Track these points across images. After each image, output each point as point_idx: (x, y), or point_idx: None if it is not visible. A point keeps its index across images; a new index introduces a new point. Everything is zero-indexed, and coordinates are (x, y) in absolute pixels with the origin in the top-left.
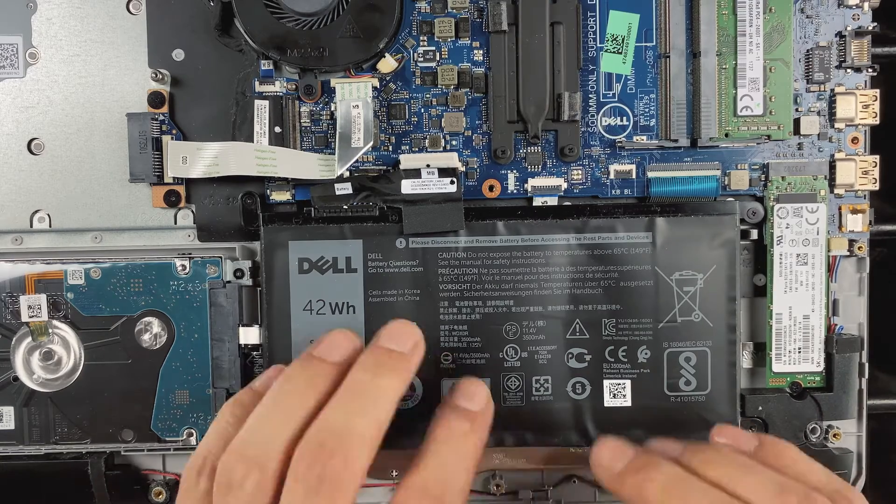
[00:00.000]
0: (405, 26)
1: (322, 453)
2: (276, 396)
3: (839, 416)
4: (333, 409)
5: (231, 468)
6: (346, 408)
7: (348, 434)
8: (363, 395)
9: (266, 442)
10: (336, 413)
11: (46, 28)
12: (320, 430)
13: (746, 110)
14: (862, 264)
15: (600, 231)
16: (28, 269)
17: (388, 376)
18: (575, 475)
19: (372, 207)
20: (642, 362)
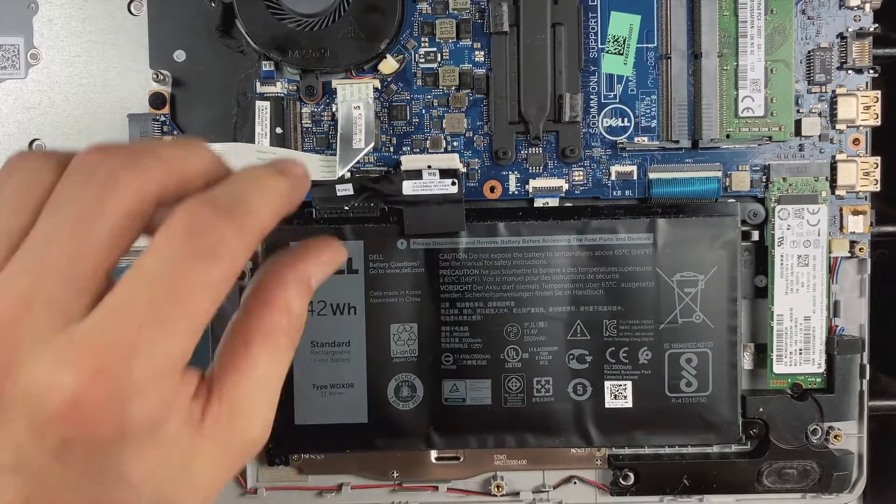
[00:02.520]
0: (406, 27)
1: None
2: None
3: (840, 418)
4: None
5: None
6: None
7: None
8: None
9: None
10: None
11: (48, 29)
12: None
13: (748, 111)
14: (863, 266)
15: (601, 232)
16: None
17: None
18: (575, 476)
19: (373, 208)
20: (643, 363)
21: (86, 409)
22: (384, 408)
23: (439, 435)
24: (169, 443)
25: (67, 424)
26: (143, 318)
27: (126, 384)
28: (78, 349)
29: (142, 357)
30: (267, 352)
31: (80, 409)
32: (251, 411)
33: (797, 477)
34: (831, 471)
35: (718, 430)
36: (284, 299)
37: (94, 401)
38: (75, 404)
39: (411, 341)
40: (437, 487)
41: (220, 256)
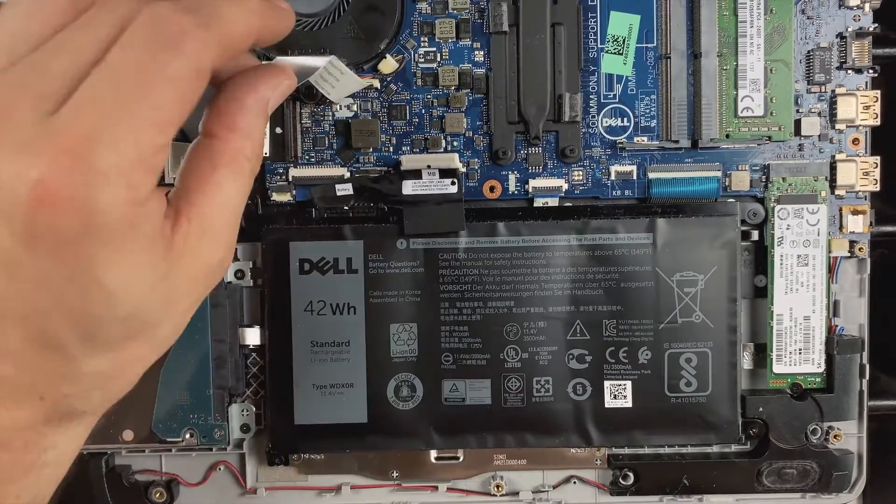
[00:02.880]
0: (406, 27)
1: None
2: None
3: (840, 418)
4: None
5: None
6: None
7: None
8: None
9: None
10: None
11: None
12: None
13: (747, 111)
14: (862, 265)
15: (601, 232)
16: None
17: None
18: (575, 476)
19: (373, 208)
20: (643, 363)
21: (50, 194)
22: (384, 408)
23: (439, 435)
24: (143, 251)
25: (33, 210)
26: (106, 107)
27: (91, 171)
28: (44, 138)
29: (106, 144)
30: (233, 175)
31: (45, 194)
32: (218, 232)
33: (797, 477)
34: (831, 471)
35: (718, 429)
36: (248, 124)
37: (58, 185)
38: (39, 189)
39: (411, 341)
40: (437, 487)
41: (181, 49)
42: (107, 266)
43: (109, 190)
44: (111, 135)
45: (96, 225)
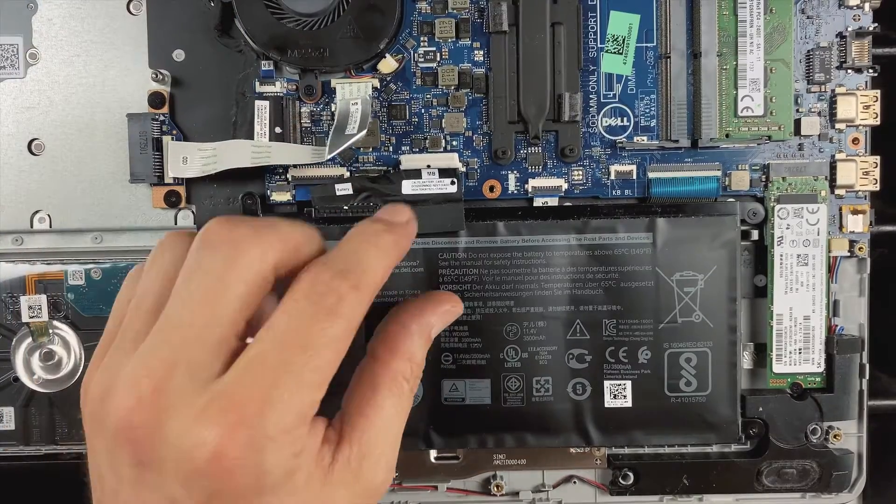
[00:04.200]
0: (406, 27)
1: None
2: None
3: (840, 417)
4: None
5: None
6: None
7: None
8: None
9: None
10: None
11: (47, 28)
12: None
13: (747, 111)
14: (862, 265)
15: (601, 232)
16: (28, 270)
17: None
18: (575, 476)
19: (372, 208)
20: (643, 363)
21: (227, 461)
22: None
23: (439, 435)
24: (301, 490)
25: (213, 477)
26: (274, 372)
27: (262, 435)
28: (217, 406)
29: (275, 409)
30: (392, 397)
31: (223, 462)
32: (378, 454)
33: (797, 476)
34: (831, 470)
35: (718, 429)
36: (409, 348)
37: (235, 453)
38: (219, 457)
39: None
40: (437, 487)
41: (339, 314)
42: (278, 499)
43: (277, 451)
44: (278, 399)
45: (265, 483)
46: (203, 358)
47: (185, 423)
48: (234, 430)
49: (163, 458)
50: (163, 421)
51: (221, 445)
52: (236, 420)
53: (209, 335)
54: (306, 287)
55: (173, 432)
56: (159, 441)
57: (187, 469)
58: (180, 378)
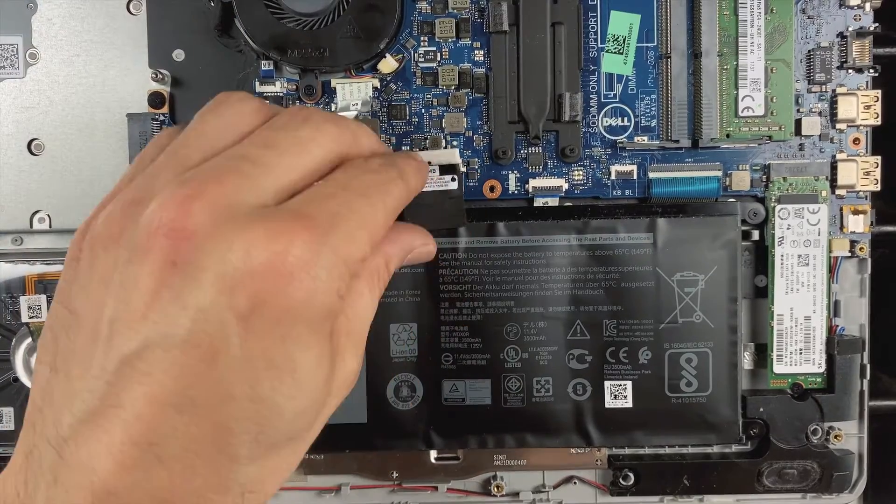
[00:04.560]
0: (406, 27)
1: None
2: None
3: (840, 418)
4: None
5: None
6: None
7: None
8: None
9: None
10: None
11: (47, 28)
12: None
13: (748, 111)
14: (863, 265)
15: (601, 232)
16: (28, 270)
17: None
18: (576, 476)
19: None
20: (643, 363)
21: (284, 268)
22: (384, 408)
23: (439, 435)
24: (327, 342)
25: (263, 283)
26: (338, 205)
27: (325, 252)
28: (285, 215)
29: (339, 232)
30: (369, 288)
31: (279, 268)
32: (358, 341)
33: (797, 477)
34: (832, 471)
35: (718, 430)
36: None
37: (294, 263)
38: (278, 261)
39: (411, 341)
40: (437, 487)
41: (394, 191)
42: (305, 350)
43: (334, 279)
44: (345, 226)
45: (313, 308)
46: (270, 185)
47: (244, 225)
48: (301, 235)
49: (203, 261)
50: (222, 218)
51: (285, 246)
52: (304, 226)
53: (285, 175)
54: (370, 160)
55: (228, 231)
56: (210, 240)
57: (233, 270)
58: (249, 191)
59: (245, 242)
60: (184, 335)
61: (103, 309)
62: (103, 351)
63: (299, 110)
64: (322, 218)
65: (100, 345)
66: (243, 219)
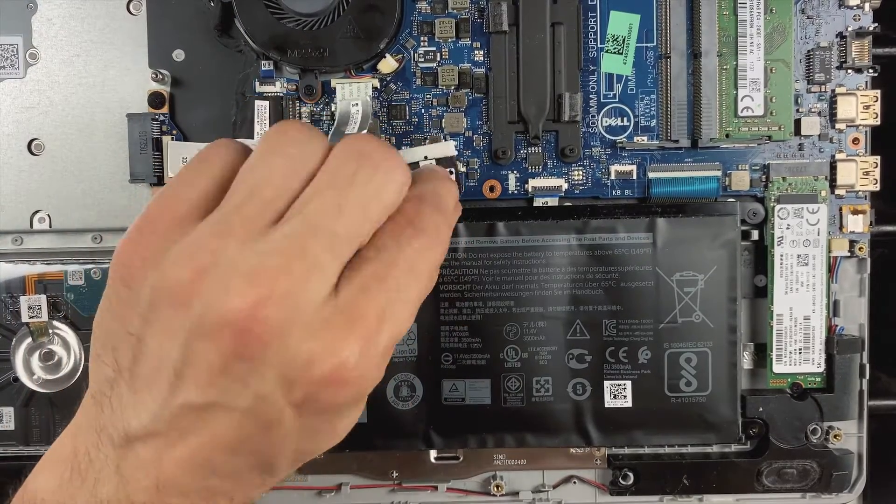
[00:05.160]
0: (406, 27)
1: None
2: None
3: (840, 417)
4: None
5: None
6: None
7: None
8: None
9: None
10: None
11: (47, 28)
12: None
13: (747, 111)
14: (863, 265)
15: (601, 232)
16: (28, 270)
17: (453, 184)
18: (575, 476)
19: None
20: (643, 363)
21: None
22: (383, 407)
23: (439, 435)
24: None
25: (323, 387)
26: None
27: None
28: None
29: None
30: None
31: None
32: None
33: (797, 477)
34: (831, 470)
35: (718, 429)
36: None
37: (353, 368)
38: (338, 371)
39: (410, 341)
40: (437, 487)
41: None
42: (349, 420)
43: (380, 367)
44: (393, 319)
45: (362, 394)
46: (334, 269)
47: (306, 333)
48: (355, 345)
49: (269, 359)
50: (288, 325)
51: (342, 359)
52: (358, 335)
53: (347, 249)
54: (419, 218)
55: (293, 339)
56: (276, 344)
57: (294, 375)
58: (315, 284)
59: (308, 351)
60: (244, 407)
61: (170, 355)
62: (169, 390)
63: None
64: (374, 317)
65: (165, 383)
66: (308, 322)
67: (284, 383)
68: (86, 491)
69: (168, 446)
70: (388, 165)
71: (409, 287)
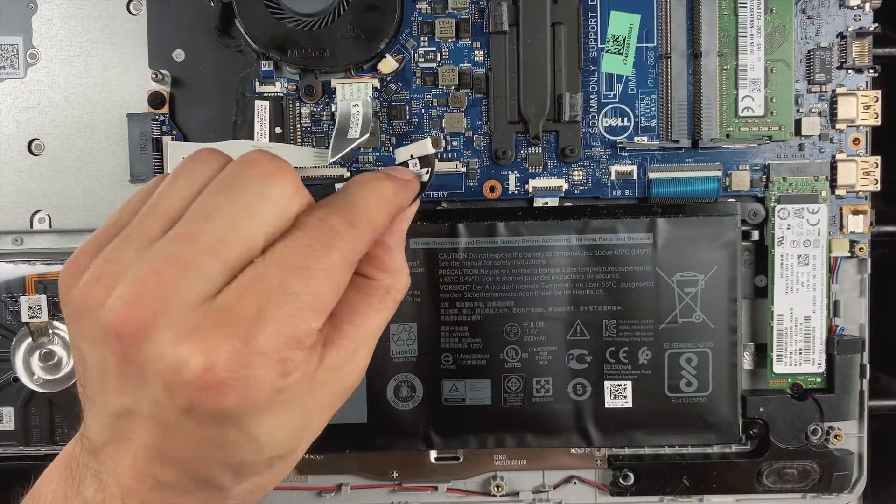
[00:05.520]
0: (406, 27)
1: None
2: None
3: (840, 418)
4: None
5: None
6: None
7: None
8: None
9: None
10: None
11: (47, 28)
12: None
13: (747, 111)
14: (863, 265)
15: (601, 232)
16: (28, 270)
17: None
18: (575, 476)
19: None
20: (643, 363)
21: (215, 378)
22: (384, 408)
23: (439, 435)
24: (289, 405)
25: (196, 392)
26: (271, 292)
27: (252, 354)
28: (210, 320)
29: (269, 328)
30: (382, 308)
31: (209, 376)
32: (360, 359)
33: (797, 477)
34: (831, 471)
35: (718, 430)
36: (396, 264)
37: (223, 370)
38: (205, 375)
39: (411, 341)
40: (437, 487)
41: (335, 246)
42: (258, 425)
43: (267, 370)
44: (274, 318)
45: (251, 400)
46: (213, 272)
47: (176, 334)
48: (223, 345)
49: (147, 361)
50: (157, 325)
51: (211, 362)
52: (227, 335)
53: (227, 252)
54: (305, 221)
55: (162, 340)
56: (147, 345)
57: (169, 379)
58: (186, 286)
59: (175, 356)
60: (148, 412)
61: (91, 366)
62: (102, 399)
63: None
64: (250, 315)
65: (99, 392)
66: (179, 324)
67: (165, 388)
68: (74, 490)
69: (118, 455)
70: (275, 168)
71: (298, 284)
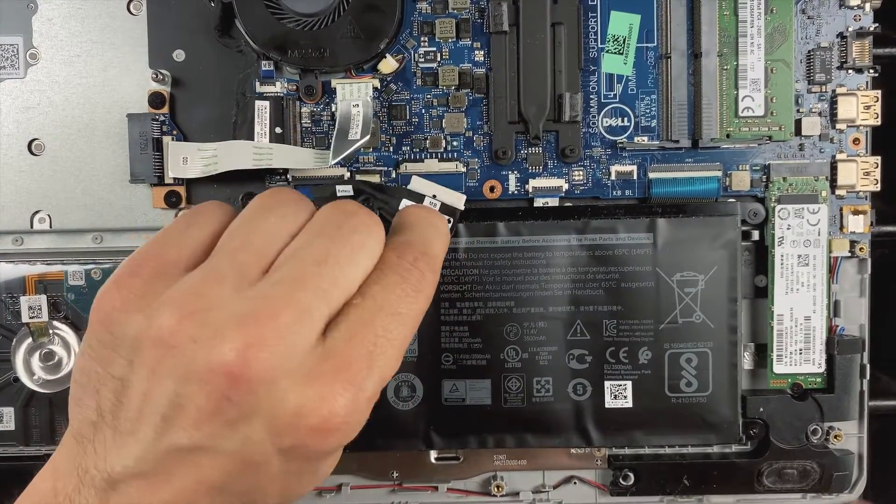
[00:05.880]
0: (406, 27)
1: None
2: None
3: (840, 418)
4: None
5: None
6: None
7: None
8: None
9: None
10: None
11: (47, 28)
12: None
13: (748, 111)
14: (863, 265)
15: (601, 232)
16: (28, 270)
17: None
18: (576, 476)
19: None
20: (643, 363)
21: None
22: (384, 408)
23: (439, 435)
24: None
25: (308, 435)
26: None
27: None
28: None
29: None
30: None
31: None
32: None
33: (797, 477)
34: (832, 471)
35: (718, 430)
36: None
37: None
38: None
39: (411, 341)
40: (437, 487)
41: (423, 293)
42: (333, 461)
43: (368, 412)
44: (379, 364)
45: (347, 440)
46: (322, 315)
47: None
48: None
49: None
50: (276, 368)
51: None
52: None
53: (335, 296)
54: (397, 263)
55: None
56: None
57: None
58: (303, 329)
59: (297, 400)
60: (231, 451)
61: (156, 398)
62: (155, 433)
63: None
64: (362, 362)
65: (151, 426)
66: (296, 369)
67: (273, 430)
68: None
69: (152, 489)
70: (373, 221)
71: (395, 331)
